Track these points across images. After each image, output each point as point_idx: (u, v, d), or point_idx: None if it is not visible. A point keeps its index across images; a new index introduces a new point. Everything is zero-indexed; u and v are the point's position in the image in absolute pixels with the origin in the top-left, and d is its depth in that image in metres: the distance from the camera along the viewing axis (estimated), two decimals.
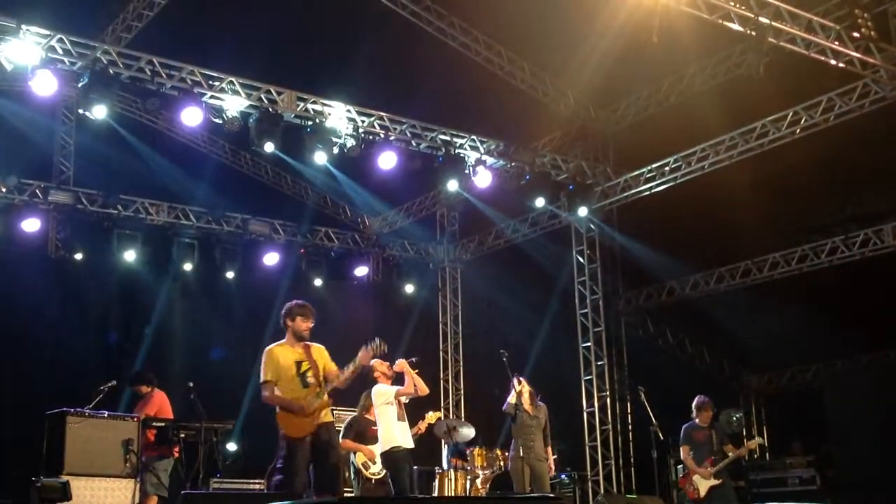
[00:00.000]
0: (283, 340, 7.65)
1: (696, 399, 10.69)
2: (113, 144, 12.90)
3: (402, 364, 8.89)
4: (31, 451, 9.48)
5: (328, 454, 7.42)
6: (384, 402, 8.82)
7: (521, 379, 10.25)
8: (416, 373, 8.89)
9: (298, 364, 7.49)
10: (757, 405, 16.98)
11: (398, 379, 8.95)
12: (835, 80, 10.95)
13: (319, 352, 7.65)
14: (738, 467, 12.43)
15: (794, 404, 15.74)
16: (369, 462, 9.63)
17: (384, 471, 9.18)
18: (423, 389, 8.91)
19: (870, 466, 11.53)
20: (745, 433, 15.04)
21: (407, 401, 8.97)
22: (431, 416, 10.52)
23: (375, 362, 8.66)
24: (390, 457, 8.72)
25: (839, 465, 12.42)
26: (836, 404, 12.60)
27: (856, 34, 10.09)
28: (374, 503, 8.63)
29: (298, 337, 7.58)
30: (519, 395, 10.06)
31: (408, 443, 8.80)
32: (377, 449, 9.03)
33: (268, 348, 7.59)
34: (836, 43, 10.12)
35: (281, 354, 7.53)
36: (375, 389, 8.91)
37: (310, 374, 7.47)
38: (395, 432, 8.72)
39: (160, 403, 10.15)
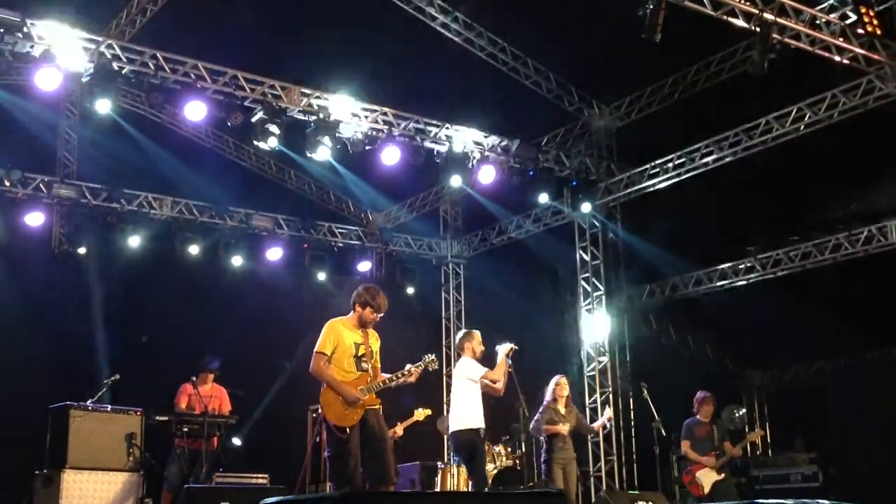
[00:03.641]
0: (347, 318, 7.52)
1: (698, 394, 10.72)
2: (117, 139, 12.90)
3: (506, 349, 8.73)
4: (34, 445, 9.51)
5: (379, 443, 7.25)
6: (468, 377, 8.66)
7: (562, 380, 10.31)
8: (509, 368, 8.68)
9: (357, 346, 7.38)
10: (759, 402, 17.01)
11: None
12: (839, 76, 10.94)
13: (376, 340, 7.57)
14: (737, 464, 12.45)
15: (796, 401, 15.76)
16: None
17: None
18: (500, 389, 8.74)
19: (872, 463, 11.53)
20: (746, 429, 15.03)
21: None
22: (420, 413, 10.50)
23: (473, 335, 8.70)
24: (468, 437, 8.55)
25: (842, 462, 12.43)
26: (838, 401, 12.61)
27: (860, 30, 10.07)
28: (379, 500, 8.60)
29: (363, 324, 7.49)
30: (556, 398, 10.21)
31: (483, 425, 8.66)
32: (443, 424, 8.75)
33: (332, 321, 7.44)
34: (841, 39, 10.11)
35: (344, 332, 7.39)
36: (463, 362, 8.75)
37: (365, 359, 7.37)
38: (477, 412, 8.61)
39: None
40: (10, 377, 11.50)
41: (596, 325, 13.87)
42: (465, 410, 8.67)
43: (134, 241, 12.91)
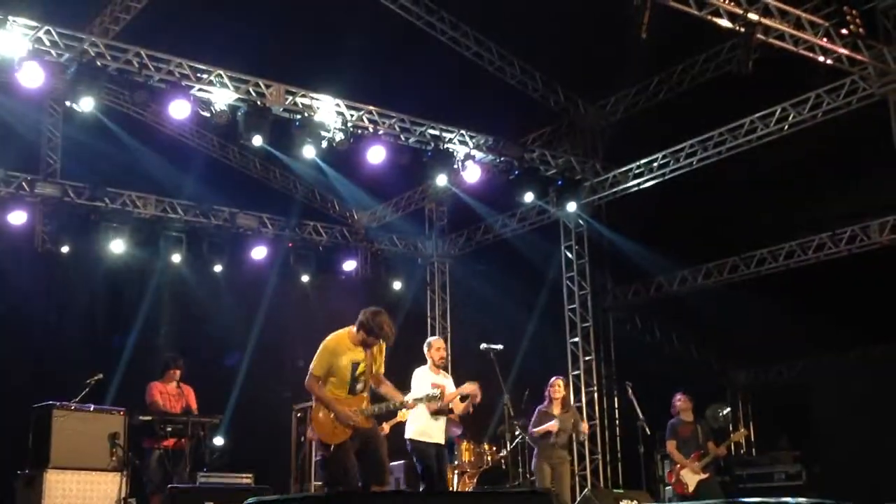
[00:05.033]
0: (347, 332, 7.19)
1: (674, 397, 10.85)
2: (100, 137, 12.83)
3: (466, 390, 8.89)
4: (16, 444, 9.45)
5: (373, 444, 7.13)
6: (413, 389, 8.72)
7: (557, 381, 10.34)
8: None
9: (355, 366, 7.10)
10: (744, 400, 17.06)
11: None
12: (823, 77, 10.99)
13: (381, 350, 7.30)
14: (723, 462, 12.50)
15: (781, 400, 15.81)
16: None
17: None
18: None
19: (856, 461, 11.59)
20: (731, 428, 15.10)
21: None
22: (404, 414, 10.50)
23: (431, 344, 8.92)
24: (413, 446, 8.72)
25: (825, 460, 12.48)
26: (822, 400, 12.68)
27: (844, 31, 10.12)
28: (364, 500, 8.58)
29: (364, 345, 7.15)
30: (551, 399, 10.24)
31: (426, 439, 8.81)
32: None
33: (329, 341, 7.11)
34: (825, 40, 10.15)
35: (340, 352, 7.10)
36: (415, 374, 8.84)
37: (361, 380, 7.12)
38: (420, 424, 8.71)
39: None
40: None
41: (580, 324, 13.88)
42: (412, 420, 8.77)
43: (117, 240, 12.83)
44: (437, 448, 8.77)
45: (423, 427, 8.72)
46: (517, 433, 10.69)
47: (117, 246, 12.84)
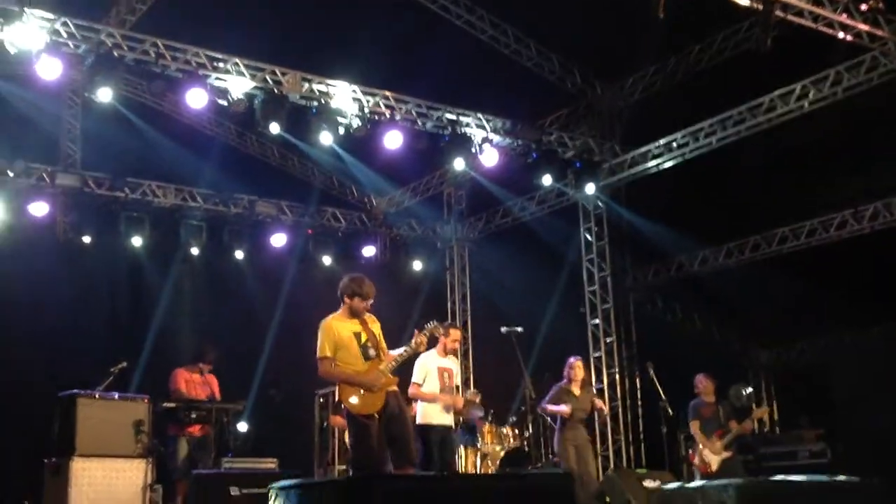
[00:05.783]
0: (339, 313, 7.44)
1: (696, 378, 10.87)
2: (119, 127, 12.90)
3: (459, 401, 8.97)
4: (40, 433, 9.55)
5: (400, 425, 7.23)
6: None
7: (577, 363, 10.34)
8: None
9: (358, 336, 7.32)
10: (766, 380, 17.00)
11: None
12: (842, 53, 10.88)
13: (375, 324, 7.50)
14: (747, 441, 12.47)
15: (803, 379, 15.75)
16: None
17: None
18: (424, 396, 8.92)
19: (879, 440, 11.52)
20: (754, 407, 15.05)
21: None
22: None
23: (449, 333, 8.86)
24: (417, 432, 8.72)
25: (848, 439, 12.43)
26: (845, 378, 12.60)
27: (863, 6, 10.00)
28: (386, 483, 8.62)
29: (355, 314, 7.41)
30: (571, 379, 10.22)
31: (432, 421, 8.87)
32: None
33: (324, 321, 7.34)
34: (844, 15, 10.04)
35: (339, 328, 7.32)
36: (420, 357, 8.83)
37: (370, 345, 7.32)
38: (424, 408, 8.78)
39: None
40: (16, 366, 11.55)
41: (601, 306, 13.86)
42: (420, 405, 8.84)
43: (138, 230, 12.92)
44: (444, 431, 8.79)
45: (431, 410, 8.77)
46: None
47: (138, 236, 12.93)
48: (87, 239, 12.72)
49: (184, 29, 10.66)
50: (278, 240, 14.29)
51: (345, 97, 11.20)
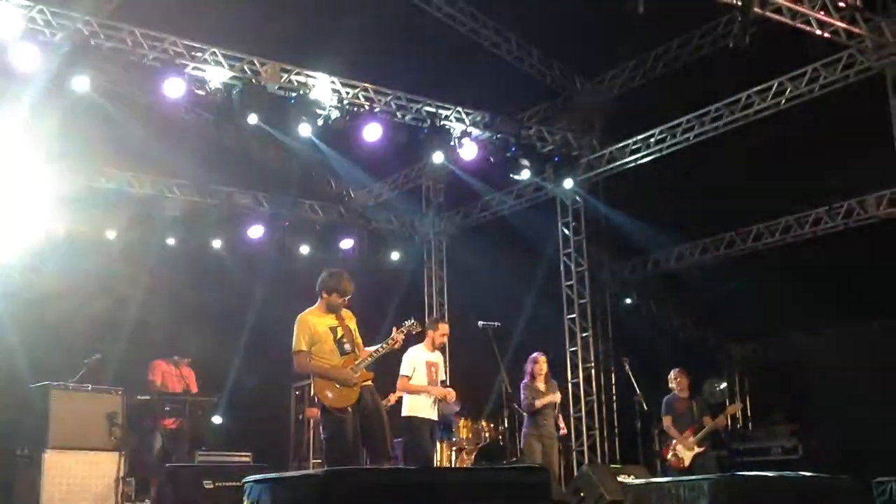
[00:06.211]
0: (315, 307, 7.46)
1: (670, 373, 10.91)
2: (94, 116, 12.75)
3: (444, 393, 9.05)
4: (12, 425, 9.45)
5: (374, 420, 7.24)
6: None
7: (541, 358, 10.35)
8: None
9: (334, 331, 7.34)
10: (741, 375, 17.09)
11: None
12: (820, 50, 10.94)
13: (351, 319, 7.52)
14: (720, 437, 12.55)
15: (777, 374, 15.85)
16: None
17: None
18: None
19: (853, 435, 11.63)
20: (727, 403, 15.16)
21: None
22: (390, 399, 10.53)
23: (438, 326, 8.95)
24: (403, 424, 8.89)
25: (821, 435, 12.53)
26: (819, 374, 12.70)
27: (841, 3, 10.06)
28: (361, 477, 8.60)
29: (332, 309, 7.43)
30: (535, 375, 10.26)
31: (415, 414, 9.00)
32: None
33: (301, 316, 7.36)
34: (822, 13, 10.09)
35: (315, 322, 7.34)
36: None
37: (346, 340, 7.34)
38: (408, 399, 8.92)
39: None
40: None
41: (577, 301, 13.89)
42: (408, 398, 8.93)
43: (113, 220, 12.82)
44: (431, 425, 8.85)
45: (418, 403, 8.79)
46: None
47: (113, 226, 12.82)
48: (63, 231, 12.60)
49: (162, 17, 10.56)
50: (255, 231, 14.23)
51: (324, 88, 11.16)
